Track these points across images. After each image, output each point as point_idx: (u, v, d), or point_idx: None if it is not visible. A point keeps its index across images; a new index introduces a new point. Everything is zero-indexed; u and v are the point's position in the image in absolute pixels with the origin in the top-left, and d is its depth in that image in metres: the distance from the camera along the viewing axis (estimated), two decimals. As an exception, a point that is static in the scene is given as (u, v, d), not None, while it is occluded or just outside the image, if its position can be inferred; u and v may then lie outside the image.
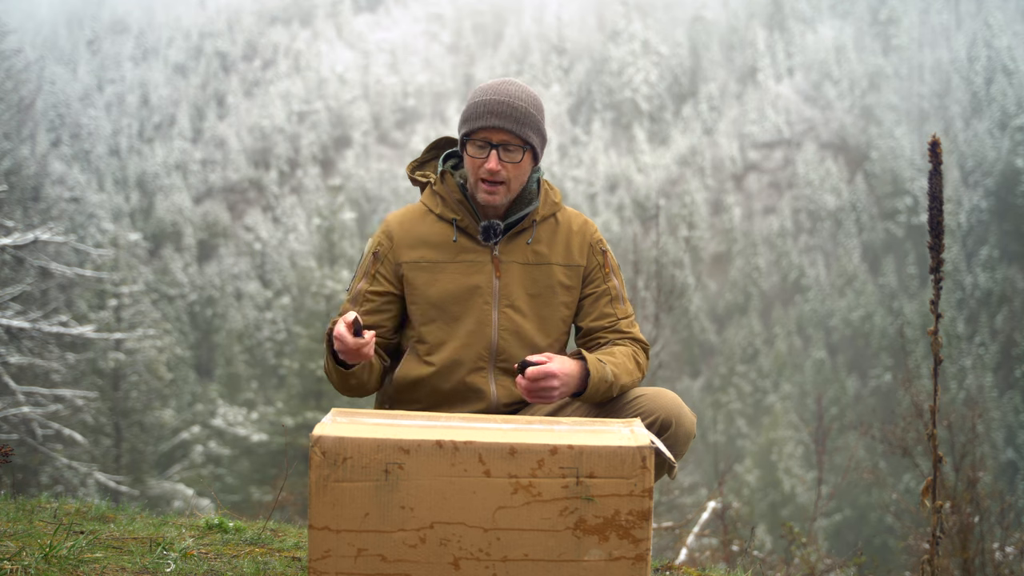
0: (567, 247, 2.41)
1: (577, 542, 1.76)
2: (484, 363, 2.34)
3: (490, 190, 2.31)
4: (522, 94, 2.33)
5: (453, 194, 2.38)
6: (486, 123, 2.28)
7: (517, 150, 2.30)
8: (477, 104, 2.30)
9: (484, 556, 1.75)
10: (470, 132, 2.30)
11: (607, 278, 2.44)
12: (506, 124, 2.28)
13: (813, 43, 72.90)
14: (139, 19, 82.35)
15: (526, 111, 2.31)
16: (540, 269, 2.37)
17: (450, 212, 2.37)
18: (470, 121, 2.31)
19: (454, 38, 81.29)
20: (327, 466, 1.74)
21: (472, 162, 2.32)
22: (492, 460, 1.75)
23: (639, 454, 1.76)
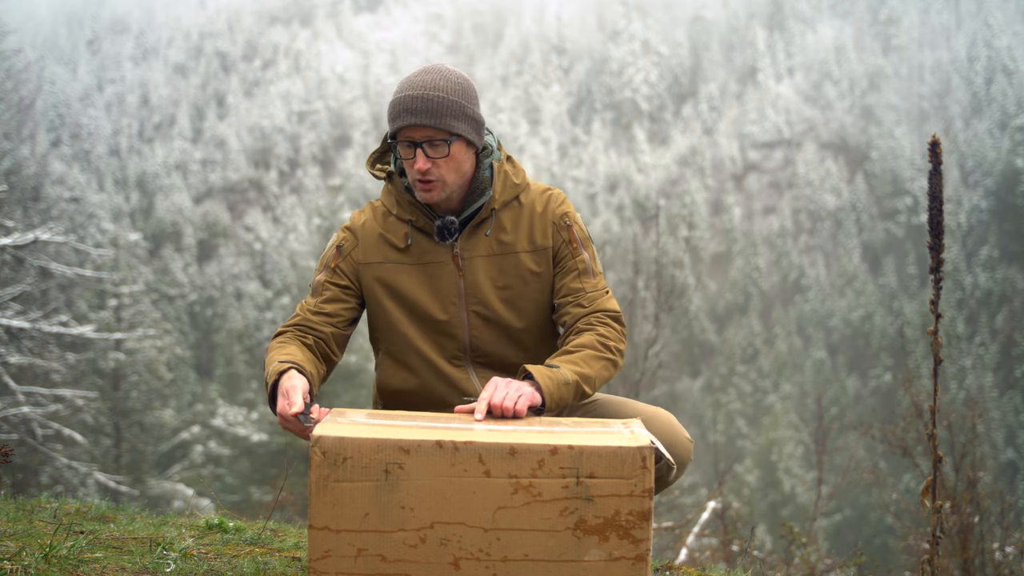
0: (531, 231, 2.29)
1: (577, 542, 1.76)
2: (460, 362, 2.30)
3: (425, 187, 2.21)
4: (439, 82, 2.20)
5: (402, 196, 2.31)
6: (404, 122, 2.17)
7: (442, 144, 2.18)
8: (394, 103, 2.19)
9: (484, 556, 1.75)
10: (394, 134, 2.21)
11: (575, 253, 2.31)
12: (423, 120, 2.15)
13: (813, 43, 72.92)
14: (139, 19, 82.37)
15: (444, 100, 2.18)
16: (507, 259, 2.28)
17: (404, 213, 2.30)
18: (391, 121, 2.21)
19: (454, 38, 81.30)
20: (327, 466, 1.74)
21: (405, 163, 2.23)
22: (492, 460, 1.75)
23: (639, 454, 1.76)
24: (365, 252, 2.30)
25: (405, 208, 2.30)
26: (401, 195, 2.31)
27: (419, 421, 1.92)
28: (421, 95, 2.18)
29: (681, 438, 2.16)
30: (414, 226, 2.29)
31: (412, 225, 2.29)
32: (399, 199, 2.32)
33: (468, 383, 2.29)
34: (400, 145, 2.20)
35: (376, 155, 2.43)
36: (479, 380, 2.30)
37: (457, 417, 2.00)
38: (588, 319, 2.25)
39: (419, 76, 2.22)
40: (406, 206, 2.30)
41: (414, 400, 2.31)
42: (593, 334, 2.21)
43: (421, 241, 2.28)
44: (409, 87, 2.20)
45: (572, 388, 2.09)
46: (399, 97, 2.19)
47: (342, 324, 2.31)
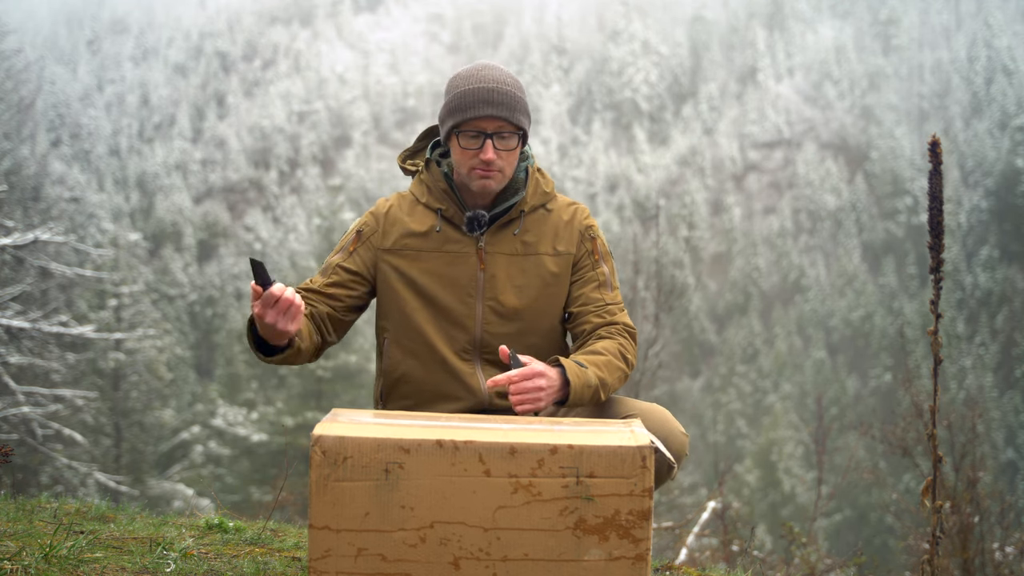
0: (556, 236, 2.34)
1: (577, 542, 1.76)
2: (469, 355, 2.29)
3: (486, 175, 2.24)
4: (508, 78, 2.28)
5: (438, 183, 2.33)
6: (479, 112, 2.20)
7: (512, 136, 2.25)
8: (465, 93, 2.22)
9: (484, 556, 1.75)
10: (460, 123, 2.23)
11: (596, 264, 2.37)
12: (500, 112, 2.21)
13: (813, 43, 72.94)
14: (139, 19, 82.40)
15: (515, 96, 2.26)
16: (528, 260, 2.31)
17: (435, 201, 2.32)
18: (459, 112, 2.23)
19: (454, 38, 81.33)
20: (327, 465, 1.74)
21: (464, 153, 2.24)
22: (492, 460, 1.75)
23: (639, 454, 1.76)
24: (385, 237, 2.32)
25: (437, 196, 2.33)
26: (436, 183, 2.33)
27: (419, 420, 1.92)
28: (496, 88, 2.24)
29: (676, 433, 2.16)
30: (443, 215, 2.31)
31: (441, 214, 2.31)
32: (433, 187, 2.34)
33: (473, 378, 2.29)
34: (464, 135, 2.23)
35: (408, 153, 2.49)
36: (484, 376, 2.30)
37: (457, 417, 2.01)
38: (608, 328, 2.31)
39: (485, 71, 2.28)
40: (439, 194, 2.33)
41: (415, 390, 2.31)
42: (615, 342, 2.28)
43: (447, 230, 2.31)
44: (480, 80, 2.25)
45: (592, 391, 2.14)
46: (472, 88, 2.23)
47: (342, 309, 2.32)
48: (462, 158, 2.26)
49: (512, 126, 2.24)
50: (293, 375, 22.96)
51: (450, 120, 2.25)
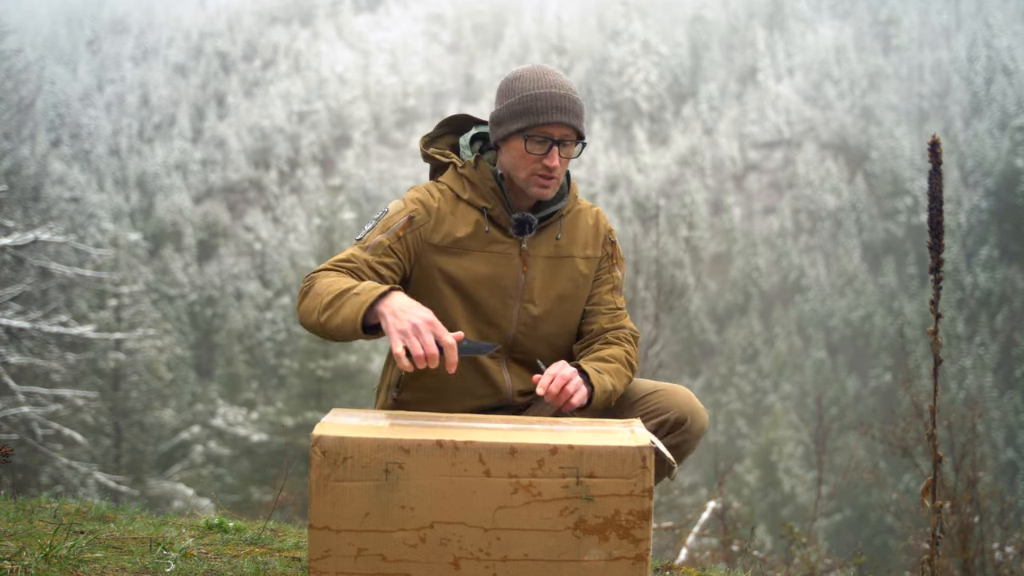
0: (585, 240, 2.39)
1: (577, 542, 1.76)
2: (498, 353, 2.31)
3: (546, 183, 2.24)
4: (572, 85, 2.28)
5: (487, 182, 2.29)
6: (551, 118, 2.20)
7: (574, 145, 2.26)
8: (537, 97, 2.21)
9: (484, 556, 1.75)
10: (529, 127, 2.21)
11: (612, 268, 2.43)
12: (570, 120, 2.22)
13: (813, 43, 72.94)
14: (139, 19, 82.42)
15: (582, 104, 2.27)
16: (563, 263, 2.34)
17: (480, 200, 2.29)
18: (529, 116, 2.21)
19: (454, 38, 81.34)
20: (327, 465, 1.74)
21: (527, 158, 2.23)
22: (492, 460, 1.75)
23: (639, 454, 1.76)
24: (435, 231, 2.26)
25: (483, 194, 2.29)
26: (485, 181, 2.29)
27: (419, 420, 1.92)
28: (567, 95, 2.24)
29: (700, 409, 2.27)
30: (488, 214, 2.29)
31: (487, 213, 2.28)
32: (480, 184, 2.29)
33: (500, 376, 2.31)
34: (532, 139, 2.21)
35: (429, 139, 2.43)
36: (511, 375, 2.32)
37: (457, 417, 2.01)
38: (616, 333, 2.37)
39: (551, 75, 2.26)
40: (487, 192, 2.29)
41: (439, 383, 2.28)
42: (622, 349, 2.32)
43: (493, 231, 2.29)
44: (550, 84, 2.24)
45: (606, 397, 2.18)
46: (544, 92, 2.22)
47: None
48: (523, 162, 2.24)
49: (576, 134, 2.25)
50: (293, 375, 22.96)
51: (517, 122, 2.22)
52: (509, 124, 2.24)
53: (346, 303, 1.96)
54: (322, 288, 2.03)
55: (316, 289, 2.05)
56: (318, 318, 2.00)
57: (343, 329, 1.96)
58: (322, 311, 1.99)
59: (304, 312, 2.06)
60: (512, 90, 2.26)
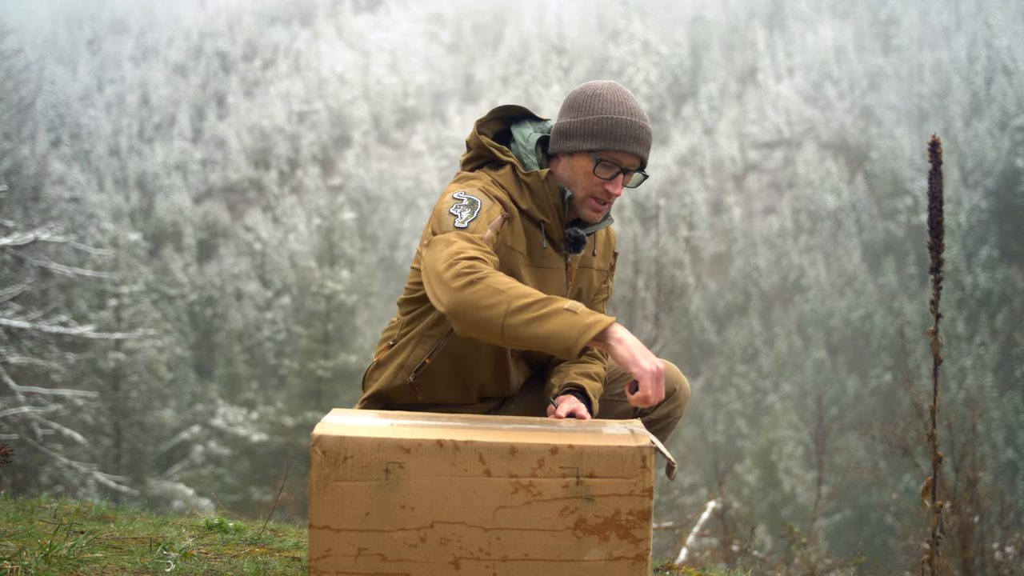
0: (602, 252, 2.43)
1: (577, 542, 1.76)
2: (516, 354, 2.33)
3: (600, 208, 2.25)
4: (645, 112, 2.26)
5: (552, 197, 2.24)
6: (626, 148, 2.19)
7: (635, 174, 2.26)
8: (618, 123, 2.18)
9: (484, 556, 1.75)
10: (603, 150, 2.19)
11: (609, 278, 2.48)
12: (642, 152, 2.21)
13: (813, 43, 72.95)
14: (139, 19, 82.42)
15: (652, 135, 2.26)
16: (584, 272, 2.37)
17: (539, 213, 2.24)
18: (607, 139, 2.18)
19: (454, 38, 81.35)
20: (328, 465, 1.74)
21: (591, 179, 2.21)
22: (492, 460, 1.75)
23: (639, 454, 1.76)
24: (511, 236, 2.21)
25: (544, 210, 2.24)
26: (549, 197, 2.23)
27: (419, 420, 1.92)
28: (644, 125, 2.22)
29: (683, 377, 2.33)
30: (544, 229, 2.26)
31: (543, 228, 2.26)
32: (542, 199, 2.24)
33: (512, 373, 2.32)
34: (602, 164, 2.19)
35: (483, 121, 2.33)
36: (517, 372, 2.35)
37: (458, 416, 2.01)
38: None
39: (631, 101, 2.23)
40: (548, 209, 2.24)
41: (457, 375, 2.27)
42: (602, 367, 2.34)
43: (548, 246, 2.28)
44: (630, 111, 2.21)
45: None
46: (624, 119, 2.19)
47: None
48: (585, 181, 2.22)
49: (642, 164, 2.25)
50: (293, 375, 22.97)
51: (591, 142, 2.19)
52: (581, 141, 2.20)
53: (557, 316, 1.89)
54: (505, 286, 1.93)
55: (494, 286, 1.93)
56: (505, 321, 1.90)
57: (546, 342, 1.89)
58: (516, 312, 1.89)
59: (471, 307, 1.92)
60: (591, 107, 2.21)
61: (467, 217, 2.10)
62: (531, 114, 2.37)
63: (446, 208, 2.13)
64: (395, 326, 2.37)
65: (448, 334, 2.24)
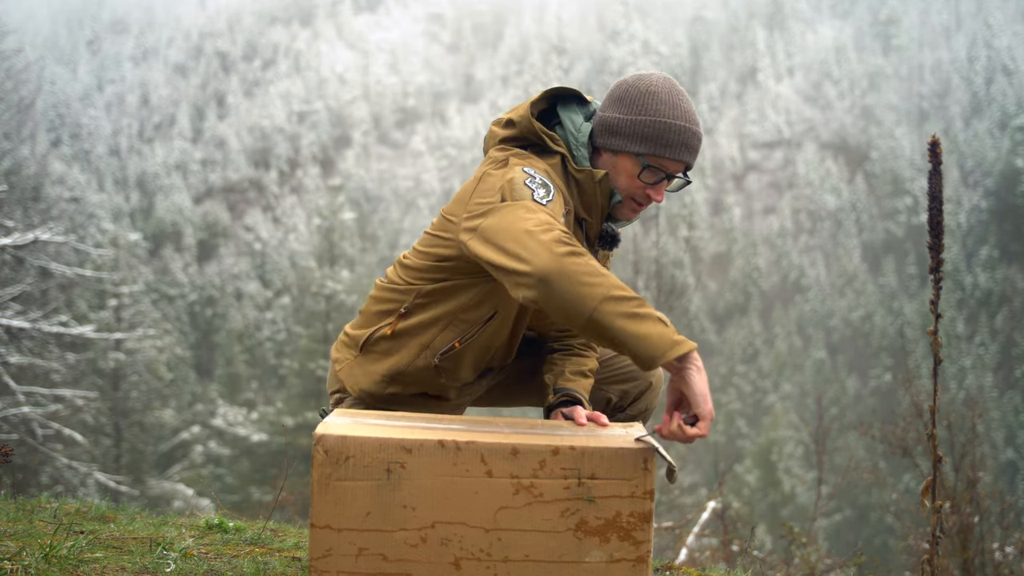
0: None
1: (578, 543, 1.76)
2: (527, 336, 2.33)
3: (637, 210, 2.19)
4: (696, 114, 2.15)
5: (600, 199, 2.15)
6: (677, 156, 2.09)
7: (678, 179, 2.16)
8: (670, 128, 2.08)
9: (485, 556, 1.75)
10: (652, 155, 2.09)
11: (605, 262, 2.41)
12: (691, 159, 2.12)
13: (813, 43, 72.95)
14: (139, 19, 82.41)
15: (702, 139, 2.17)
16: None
17: (584, 211, 2.17)
18: (656, 144, 2.08)
19: (454, 38, 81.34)
20: (329, 465, 1.74)
21: (635, 182, 2.12)
22: (494, 460, 1.75)
23: (640, 456, 1.76)
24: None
25: (590, 209, 2.17)
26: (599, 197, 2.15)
27: (421, 421, 1.92)
28: (698, 133, 2.12)
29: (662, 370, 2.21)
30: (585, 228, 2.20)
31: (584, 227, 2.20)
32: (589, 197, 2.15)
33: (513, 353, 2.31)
34: (649, 169, 2.10)
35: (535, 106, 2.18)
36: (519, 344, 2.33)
37: (459, 417, 2.01)
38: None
39: (684, 103, 2.11)
40: (594, 208, 2.17)
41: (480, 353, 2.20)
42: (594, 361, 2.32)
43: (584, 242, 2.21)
44: (684, 116, 2.10)
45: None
46: (679, 126, 2.09)
47: None
48: (629, 184, 2.13)
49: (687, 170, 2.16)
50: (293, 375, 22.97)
51: (640, 145, 2.09)
52: (630, 142, 2.10)
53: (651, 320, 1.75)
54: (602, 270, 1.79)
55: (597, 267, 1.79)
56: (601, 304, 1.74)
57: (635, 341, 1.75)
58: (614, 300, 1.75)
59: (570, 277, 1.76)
60: (644, 106, 2.09)
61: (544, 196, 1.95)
62: (580, 96, 2.23)
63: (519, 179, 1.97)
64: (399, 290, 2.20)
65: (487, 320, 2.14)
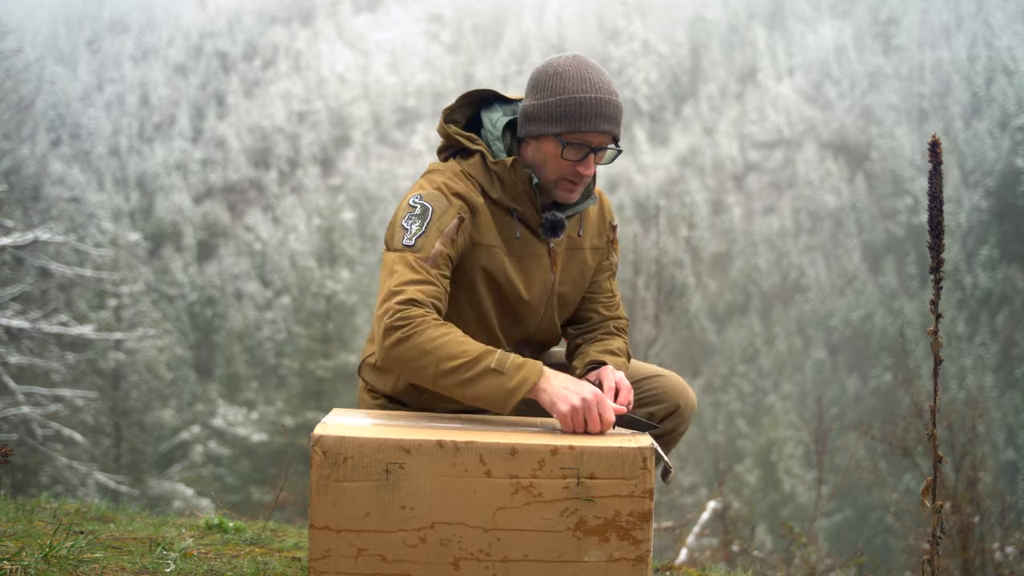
0: (593, 230, 2.34)
1: (577, 543, 1.76)
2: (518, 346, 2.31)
3: (573, 188, 2.18)
4: (613, 84, 2.16)
5: (521, 185, 2.17)
6: (594, 127, 2.10)
7: (608, 150, 2.17)
8: (582, 103, 2.10)
9: (484, 556, 1.75)
10: (568, 132, 2.11)
11: (611, 254, 2.40)
12: (612, 128, 2.13)
13: (813, 43, 72.93)
14: (139, 19, 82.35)
15: (622, 106, 2.17)
16: (575, 254, 2.30)
17: (511, 201, 2.18)
18: (570, 121, 2.10)
19: (454, 38, 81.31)
20: (328, 465, 1.74)
21: (561, 162, 2.13)
22: (493, 460, 1.75)
23: (640, 455, 1.76)
24: (479, 231, 2.16)
25: (515, 197, 2.18)
26: (519, 184, 2.17)
27: (420, 421, 1.92)
28: (612, 101, 2.14)
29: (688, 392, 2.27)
30: (519, 216, 2.20)
31: (516, 215, 2.20)
32: (511, 187, 2.18)
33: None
34: (570, 146, 2.12)
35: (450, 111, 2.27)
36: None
37: (458, 417, 2.01)
38: (618, 323, 2.38)
39: (595, 75, 2.15)
40: (519, 197, 2.18)
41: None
42: (623, 341, 2.33)
43: (524, 233, 2.22)
44: (595, 87, 2.13)
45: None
46: (589, 98, 2.11)
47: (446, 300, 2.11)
48: (555, 165, 2.15)
49: (614, 141, 2.17)
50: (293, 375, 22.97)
51: (556, 126, 2.12)
52: (546, 125, 2.13)
53: (483, 379, 1.90)
54: (430, 347, 1.92)
55: (422, 347, 1.92)
56: (435, 383, 1.93)
57: (477, 403, 1.93)
58: (443, 377, 1.91)
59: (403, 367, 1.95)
60: (553, 88, 2.13)
61: (416, 232, 2.07)
62: (500, 96, 2.28)
63: (400, 218, 2.11)
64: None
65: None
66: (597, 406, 1.89)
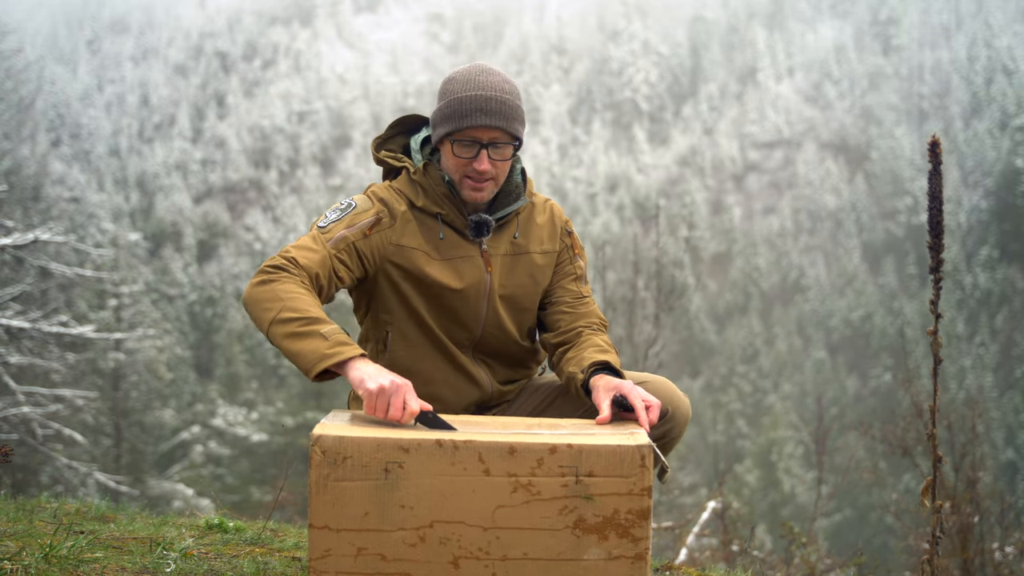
0: (541, 234, 2.38)
1: (576, 541, 1.76)
2: (468, 352, 2.33)
3: (477, 187, 2.23)
4: (504, 84, 2.23)
5: (438, 187, 2.27)
6: (475, 122, 2.17)
7: (507, 147, 2.23)
8: (462, 101, 2.19)
9: (484, 555, 1.75)
10: (454, 131, 2.20)
11: (573, 259, 2.44)
12: (496, 122, 2.18)
13: (813, 43, 72.94)
14: (139, 19, 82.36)
15: (513, 104, 2.23)
16: (520, 259, 2.34)
17: (434, 206, 2.27)
18: (454, 120, 2.19)
19: (454, 38, 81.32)
20: (327, 465, 1.74)
21: (457, 161, 2.22)
22: (492, 459, 1.75)
23: (638, 453, 1.76)
24: (399, 234, 2.24)
25: (435, 199, 2.28)
26: (436, 187, 2.27)
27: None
28: (495, 97, 2.20)
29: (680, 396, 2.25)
30: (443, 220, 2.28)
31: (441, 219, 2.28)
32: (430, 190, 2.28)
33: (477, 372, 2.33)
34: (458, 143, 2.21)
35: (380, 140, 2.42)
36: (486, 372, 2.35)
37: (457, 417, 2.01)
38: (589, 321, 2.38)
39: (483, 76, 2.23)
40: (439, 199, 2.27)
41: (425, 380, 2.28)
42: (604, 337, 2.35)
43: (450, 235, 2.28)
44: (477, 86, 2.21)
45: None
46: (469, 95, 2.19)
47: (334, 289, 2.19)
48: (455, 165, 2.24)
49: (508, 135, 2.22)
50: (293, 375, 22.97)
51: (444, 127, 2.22)
52: (440, 127, 2.24)
53: (309, 338, 1.95)
54: (285, 296, 2.00)
55: (278, 293, 2.01)
56: (270, 327, 1.98)
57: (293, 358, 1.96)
58: (279, 324, 1.97)
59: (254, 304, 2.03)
60: (444, 92, 2.25)
61: (333, 218, 2.21)
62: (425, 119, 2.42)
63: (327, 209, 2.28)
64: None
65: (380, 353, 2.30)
66: (404, 395, 1.89)
